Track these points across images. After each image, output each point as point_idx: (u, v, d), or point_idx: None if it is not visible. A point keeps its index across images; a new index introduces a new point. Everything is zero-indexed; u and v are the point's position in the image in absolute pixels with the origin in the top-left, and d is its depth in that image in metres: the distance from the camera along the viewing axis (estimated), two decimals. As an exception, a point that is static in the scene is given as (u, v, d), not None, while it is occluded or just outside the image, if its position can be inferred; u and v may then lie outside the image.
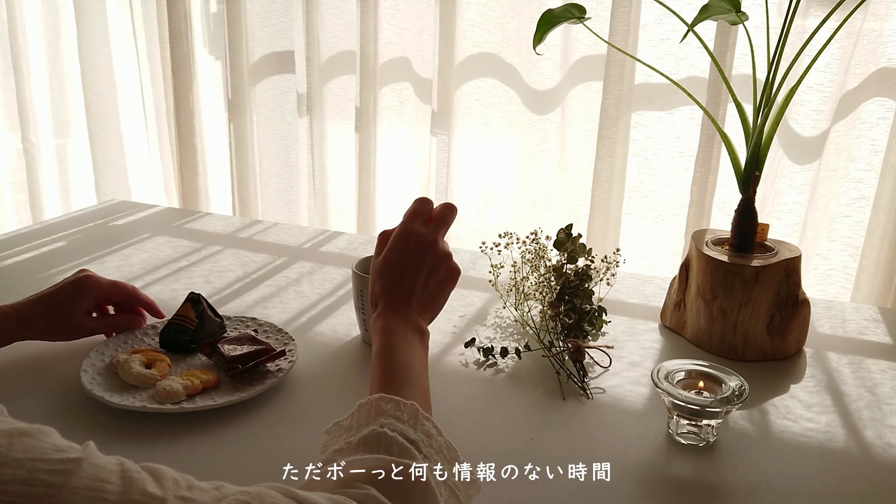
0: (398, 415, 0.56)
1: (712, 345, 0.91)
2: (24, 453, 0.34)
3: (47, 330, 0.84)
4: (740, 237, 0.92)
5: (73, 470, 0.34)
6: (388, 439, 0.53)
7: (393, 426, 0.55)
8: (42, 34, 2.02)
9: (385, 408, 0.57)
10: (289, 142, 1.84)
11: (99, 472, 0.35)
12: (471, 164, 1.67)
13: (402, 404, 0.57)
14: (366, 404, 0.58)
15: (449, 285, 0.72)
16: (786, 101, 0.89)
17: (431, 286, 0.71)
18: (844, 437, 0.75)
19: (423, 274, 0.70)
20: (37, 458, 0.34)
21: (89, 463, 0.35)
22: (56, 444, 0.35)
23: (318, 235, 1.34)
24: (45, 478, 0.33)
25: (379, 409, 0.57)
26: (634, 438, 0.73)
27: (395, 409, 0.57)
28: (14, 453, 0.33)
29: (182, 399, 0.75)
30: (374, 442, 0.53)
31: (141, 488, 0.36)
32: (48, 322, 0.83)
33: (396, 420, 0.56)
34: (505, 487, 0.65)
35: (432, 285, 0.71)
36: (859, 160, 1.39)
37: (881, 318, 1.04)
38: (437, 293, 0.72)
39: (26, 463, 0.33)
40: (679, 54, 1.44)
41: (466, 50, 1.58)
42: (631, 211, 1.57)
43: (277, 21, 1.77)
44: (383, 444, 0.53)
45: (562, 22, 0.96)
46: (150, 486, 0.36)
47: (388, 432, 0.53)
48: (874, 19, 1.30)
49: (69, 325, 0.84)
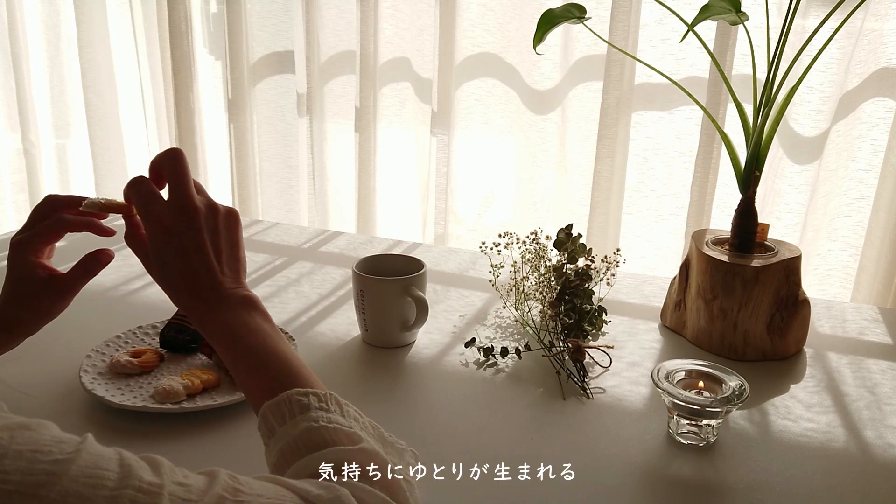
0: (323, 405, 0.53)
1: (712, 345, 0.91)
2: (24, 445, 0.34)
3: (16, 315, 0.69)
4: (740, 237, 0.92)
5: (72, 459, 0.35)
6: (328, 432, 0.50)
7: (326, 419, 0.52)
8: (42, 34, 2.02)
9: (307, 402, 0.53)
10: (289, 142, 1.84)
11: (97, 461, 0.36)
12: (471, 164, 1.67)
13: (321, 395, 0.54)
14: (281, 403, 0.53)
15: (236, 231, 0.63)
16: (786, 101, 0.89)
17: (223, 247, 0.61)
18: (844, 437, 0.75)
19: (207, 245, 0.60)
20: (37, 449, 0.35)
21: (88, 452, 0.36)
22: (56, 436, 0.36)
23: (318, 235, 1.34)
24: (45, 467, 0.34)
25: (301, 405, 0.53)
26: (634, 438, 0.73)
27: (318, 401, 0.53)
28: (15, 445, 0.34)
29: (182, 399, 0.75)
30: (316, 439, 0.50)
31: (138, 475, 0.37)
32: (11, 309, 0.68)
33: (324, 411, 0.52)
34: (505, 487, 0.65)
35: (223, 245, 0.61)
36: (859, 160, 1.39)
37: (881, 318, 1.04)
38: (233, 248, 0.62)
39: (27, 454, 0.34)
40: (679, 54, 1.44)
41: (466, 50, 1.58)
42: (631, 211, 1.57)
43: (277, 21, 1.77)
44: (327, 438, 0.50)
45: (562, 22, 0.96)
46: (147, 473, 0.37)
47: (326, 425, 0.51)
48: (874, 19, 1.30)
49: (33, 287, 0.67)
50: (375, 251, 1.26)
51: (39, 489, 0.33)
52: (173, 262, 0.59)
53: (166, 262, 0.59)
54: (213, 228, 0.61)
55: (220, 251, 0.61)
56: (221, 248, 0.61)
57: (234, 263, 0.62)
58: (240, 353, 0.58)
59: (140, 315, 0.95)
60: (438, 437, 0.73)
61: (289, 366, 0.57)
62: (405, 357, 0.89)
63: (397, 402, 0.80)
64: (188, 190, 0.60)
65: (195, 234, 0.59)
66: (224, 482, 0.41)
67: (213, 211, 0.61)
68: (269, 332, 0.59)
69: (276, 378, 0.55)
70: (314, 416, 0.52)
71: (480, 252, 1.01)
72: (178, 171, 0.61)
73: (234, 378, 0.59)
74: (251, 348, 0.57)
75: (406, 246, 1.30)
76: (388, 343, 0.91)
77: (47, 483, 0.34)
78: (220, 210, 0.62)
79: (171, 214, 0.59)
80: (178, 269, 0.59)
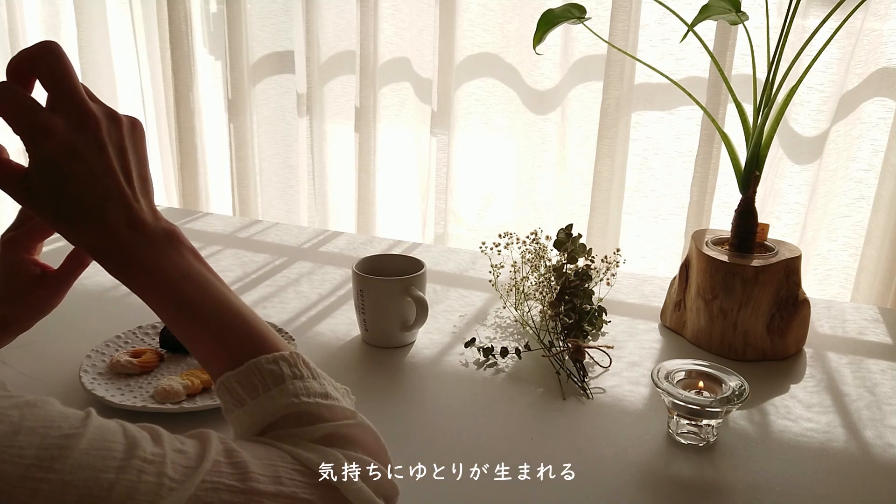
0: (296, 371, 0.49)
1: (712, 345, 0.91)
2: (35, 421, 0.36)
3: (10, 313, 0.64)
4: (740, 237, 0.92)
5: (81, 433, 0.37)
6: (312, 408, 0.48)
7: (304, 391, 0.48)
8: (42, 34, 2.02)
9: (279, 371, 0.48)
10: (289, 142, 1.84)
11: (104, 433, 0.38)
12: (471, 164, 1.67)
13: (289, 360, 0.49)
14: (251, 374, 0.48)
15: (144, 146, 0.51)
16: (786, 101, 0.89)
17: (133, 167, 0.49)
18: (844, 437, 0.75)
19: (115, 166, 0.48)
20: (47, 424, 0.36)
21: (94, 426, 0.38)
22: (61, 411, 0.38)
23: (318, 235, 1.34)
24: (56, 441, 0.36)
25: (274, 375, 0.48)
26: (634, 438, 0.73)
27: (290, 367, 0.49)
28: (26, 422, 0.35)
29: (182, 399, 0.76)
30: (303, 419, 0.47)
31: (143, 446, 0.38)
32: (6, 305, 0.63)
33: (298, 379, 0.49)
34: (505, 487, 0.65)
35: (133, 165, 0.49)
36: (859, 160, 1.40)
37: (881, 318, 1.04)
38: (142, 167, 0.50)
39: (39, 430, 0.35)
40: (679, 54, 1.44)
41: (466, 50, 1.58)
42: (631, 211, 1.57)
43: (277, 21, 1.77)
44: (313, 415, 0.48)
45: (562, 22, 0.96)
46: (149, 444, 0.39)
47: (307, 401, 0.48)
48: (874, 19, 1.30)
49: (25, 281, 0.62)
50: (375, 251, 1.26)
51: (54, 462, 0.35)
52: (74, 190, 0.46)
53: (62, 193, 0.46)
54: (118, 144, 0.48)
55: (130, 173, 0.49)
56: (130, 169, 0.49)
57: (146, 187, 0.50)
58: (184, 312, 0.50)
59: (140, 315, 0.95)
60: (438, 437, 0.73)
61: (244, 324, 0.50)
62: (405, 357, 0.89)
63: (397, 402, 0.80)
64: (81, 94, 0.47)
65: (100, 151, 0.47)
66: (217, 446, 0.42)
67: (114, 121, 0.49)
68: (211, 281, 0.51)
69: (235, 342, 0.49)
70: (291, 388, 0.48)
71: (480, 252, 1.01)
72: (62, 68, 0.46)
73: (176, 336, 0.51)
74: (198, 306, 0.49)
75: (406, 246, 1.30)
76: (388, 343, 0.91)
77: (60, 457, 0.35)
78: (123, 119, 0.49)
79: (66, 128, 0.46)
80: (79, 200, 0.46)
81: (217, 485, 0.40)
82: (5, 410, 0.36)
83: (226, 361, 0.49)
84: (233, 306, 0.51)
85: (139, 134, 0.50)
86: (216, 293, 0.50)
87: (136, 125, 0.50)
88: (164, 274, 0.49)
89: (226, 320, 0.50)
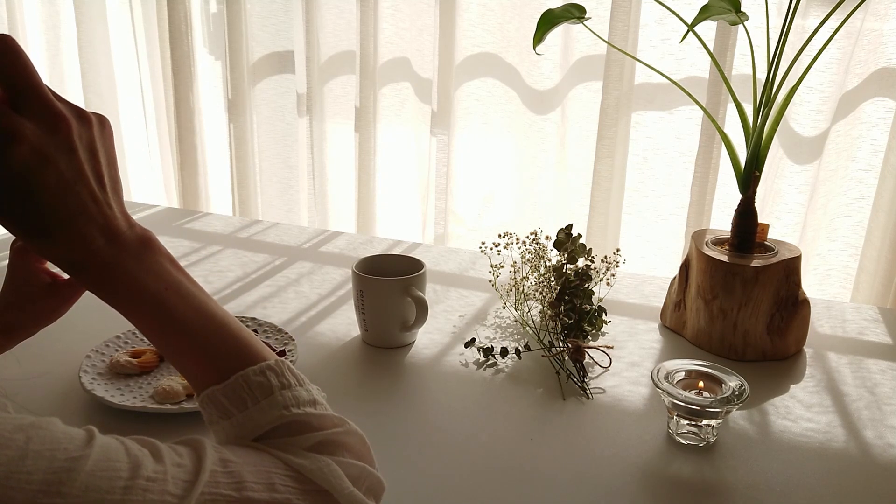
0: (284, 381, 0.49)
1: (712, 345, 0.91)
2: (41, 444, 0.35)
3: (17, 320, 0.65)
4: (740, 237, 0.92)
5: (87, 455, 0.36)
6: (301, 417, 0.48)
7: (294, 401, 0.48)
8: (42, 34, 2.02)
9: (267, 383, 0.48)
10: (289, 142, 1.84)
11: (108, 454, 0.38)
12: (471, 165, 1.67)
13: (276, 370, 0.49)
14: (238, 388, 0.48)
15: (113, 147, 0.48)
16: (786, 101, 0.89)
17: (104, 170, 0.46)
18: (844, 438, 0.75)
19: (87, 171, 0.45)
20: (54, 447, 0.36)
21: (98, 446, 0.37)
22: (65, 431, 0.37)
23: (318, 235, 1.34)
24: (63, 464, 0.35)
25: (262, 388, 0.48)
26: (634, 438, 0.73)
27: (277, 377, 0.49)
28: (33, 445, 0.35)
29: (182, 399, 0.76)
30: (291, 428, 0.48)
31: (145, 465, 0.39)
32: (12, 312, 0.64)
33: (286, 388, 0.49)
34: (505, 487, 0.65)
35: (104, 168, 0.46)
36: (859, 160, 1.40)
37: (881, 318, 1.04)
38: (112, 169, 0.48)
39: (45, 453, 0.35)
40: (679, 54, 1.44)
41: (466, 50, 1.58)
42: (631, 211, 1.57)
43: (277, 21, 1.77)
44: (304, 424, 0.48)
45: (562, 22, 0.96)
46: (150, 461, 0.39)
47: (297, 412, 0.48)
48: (874, 19, 1.30)
49: (34, 289, 0.63)
50: (375, 251, 1.26)
51: (62, 486, 0.35)
52: (46, 199, 0.43)
53: (30, 201, 0.42)
54: (88, 146, 0.45)
55: (102, 177, 0.46)
56: (102, 173, 0.46)
57: (116, 189, 0.48)
58: (166, 326, 0.48)
59: (140, 315, 0.95)
60: (438, 437, 0.73)
61: (229, 335, 0.49)
62: (405, 357, 0.89)
63: (397, 402, 0.80)
64: (46, 93, 0.43)
65: (71, 156, 0.43)
66: (212, 455, 0.42)
67: (84, 121, 0.45)
68: (192, 291, 0.49)
69: (222, 355, 0.49)
70: (280, 399, 0.48)
71: (480, 252, 1.01)
72: (22, 65, 0.42)
73: (156, 348, 0.49)
74: (180, 318, 0.48)
75: (406, 246, 1.30)
76: (388, 343, 0.91)
77: (67, 480, 0.35)
78: (92, 118, 0.46)
79: (37, 132, 0.42)
80: (52, 210, 0.43)
81: (215, 496, 0.41)
82: (10, 434, 0.35)
83: (212, 374, 0.48)
84: (216, 317, 0.49)
85: (108, 133, 0.48)
86: (198, 304, 0.49)
87: (105, 123, 0.47)
88: (144, 287, 0.47)
89: (210, 332, 0.49)
